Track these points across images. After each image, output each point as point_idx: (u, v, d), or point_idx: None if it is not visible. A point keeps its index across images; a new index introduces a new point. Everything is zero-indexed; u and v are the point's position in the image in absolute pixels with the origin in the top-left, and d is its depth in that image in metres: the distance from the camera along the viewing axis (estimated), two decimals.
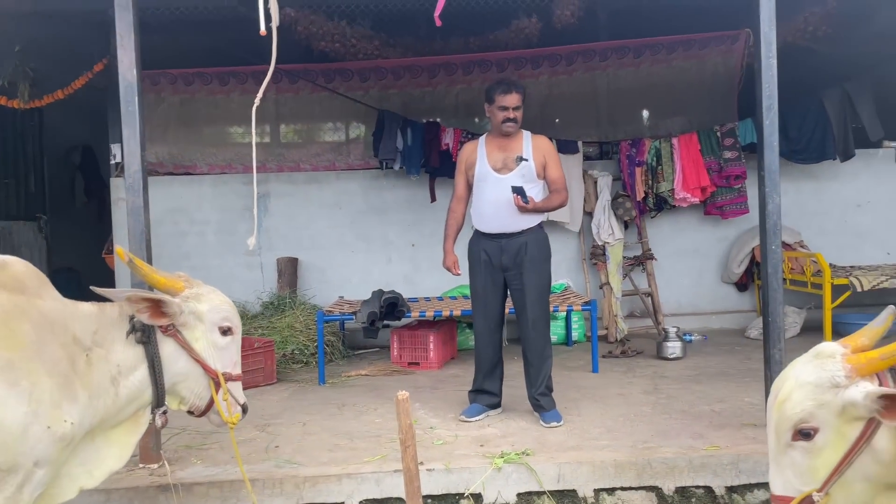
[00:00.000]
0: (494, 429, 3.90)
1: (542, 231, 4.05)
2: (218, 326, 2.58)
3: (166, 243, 6.63)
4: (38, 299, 2.28)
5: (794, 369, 2.02)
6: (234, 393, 2.69)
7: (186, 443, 3.85)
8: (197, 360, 2.54)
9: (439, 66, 6.84)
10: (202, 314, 2.56)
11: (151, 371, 2.47)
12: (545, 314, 4.04)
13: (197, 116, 6.78)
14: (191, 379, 2.58)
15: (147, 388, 2.49)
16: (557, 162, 4.07)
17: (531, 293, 3.96)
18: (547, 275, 4.05)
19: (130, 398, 2.46)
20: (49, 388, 2.19)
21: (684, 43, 6.81)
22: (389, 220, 6.78)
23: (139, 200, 3.47)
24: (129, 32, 3.45)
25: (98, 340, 2.38)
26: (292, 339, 5.83)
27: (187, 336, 2.53)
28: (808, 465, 1.90)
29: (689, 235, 6.72)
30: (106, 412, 2.40)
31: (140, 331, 2.44)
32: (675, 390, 4.56)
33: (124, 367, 2.43)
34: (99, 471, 2.47)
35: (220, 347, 2.60)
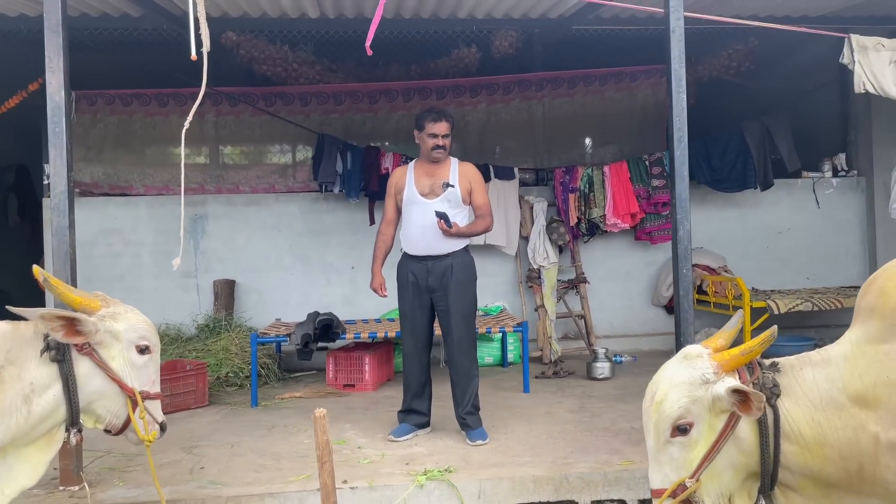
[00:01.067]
0: (421, 447, 3.97)
1: (467, 254, 4.17)
2: (135, 345, 2.62)
3: (100, 265, 6.54)
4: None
5: (665, 371, 2.20)
6: (152, 411, 2.71)
7: (110, 465, 3.81)
8: (113, 378, 2.57)
9: (380, 93, 6.98)
10: (119, 333, 2.58)
11: (66, 389, 2.48)
12: (471, 335, 4.15)
13: (134, 137, 6.75)
14: (107, 397, 2.60)
15: (61, 406, 2.50)
16: (483, 189, 4.21)
17: (456, 314, 4.07)
18: (472, 296, 4.16)
19: (43, 416, 2.46)
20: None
21: (616, 75, 7.11)
22: (329, 243, 6.83)
23: (64, 221, 3.46)
24: (57, 55, 3.47)
25: (11, 359, 2.39)
26: (227, 362, 5.79)
27: (103, 355, 2.55)
28: (685, 458, 2.07)
29: (620, 260, 6.95)
30: (18, 430, 2.40)
31: (54, 349, 2.45)
32: (599, 409, 4.71)
33: (38, 385, 2.44)
34: (10, 489, 2.46)
35: (138, 366, 2.63)
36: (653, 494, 2.13)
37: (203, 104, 6.93)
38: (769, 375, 2.13)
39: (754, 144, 6.63)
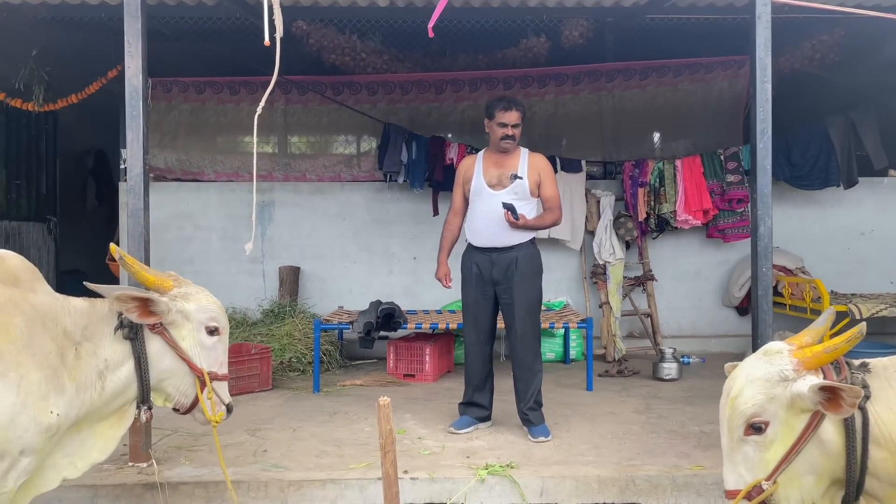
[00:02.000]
0: (482, 441, 3.92)
1: (533, 246, 4.08)
2: (205, 326, 2.63)
3: (171, 248, 6.72)
4: (31, 293, 2.34)
5: (743, 368, 2.09)
6: (220, 392, 2.72)
7: (177, 444, 3.89)
8: (183, 358, 2.59)
9: (446, 82, 6.93)
10: (189, 313, 2.61)
11: (137, 367, 2.52)
12: (535, 329, 4.06)
13: (206, 124, 6.89)
14: (176, 377, 2.63)
15: (133, 384, 2.54)
16: (553, 181, 4.11)
17: (520, 308, 3.99)
18: (537, 290, 4.07)
19: (116, 393, 2.51)
20: (37, 379, 2.25)
21: (690, 66, 6.86)
22: (392, 233, 6.83)
23: (139, 203, 3.53)
24: (136, 39, 3.54)
25: (87, 335, 2.44)
26: (290, 347, 5.87)
27: (174, 334, 2.58)
28: (760, 458, 1.97)
29: (690, 258, 6.72)
30: (92, 405, 2.45)
31: (127, 327, 2.49)
32: (666, 410, 4.55)
33: (111, 362, 2.48)
34: (83, 462, 2.52)
35: (207, 347, 2.65)
36: (727, 495, 2.03)
37: (273, 93, 7.00)
38: (858, 376, 2.01)
39: (838, 140, 6.29)
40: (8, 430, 2.19)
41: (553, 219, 4.07)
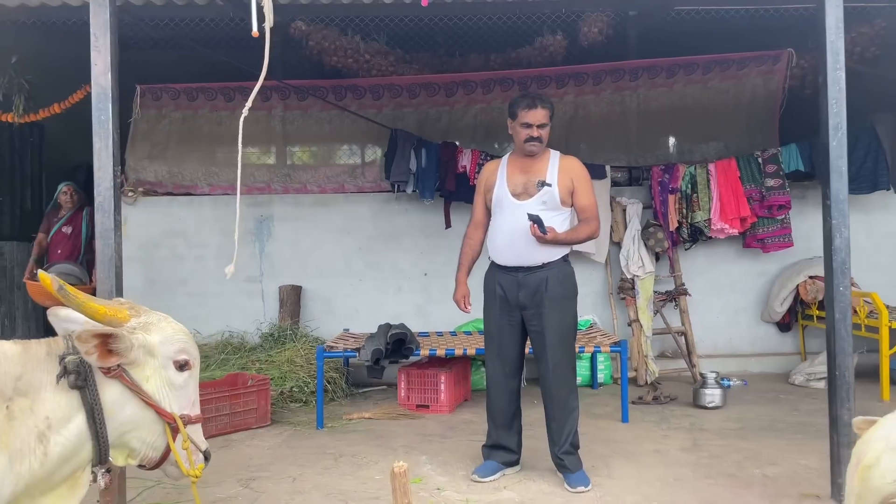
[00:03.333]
0: (512, 492, 3.38)
1: (566, 265, 3.56)
2: (173, 360, 2.13)
3: (162, 268, 6.23)
4: None
5: (882, 429, 1.59)
6: (195, 438, 2.20)
7: (159, 499, 3.36)
8: (149, 403, 2.08)
9: (457, 84, 6.44)
10: (153, 347, 2.10)
11: (91, 421, 2.00)
12: (569, 360, 3.54)
13: (200, 134, 6.41)
14: (142, 427, 2.11)
15: (86, 443, 2.02)
16: (589, 187, 3.58)
17: (552, 336, 3.46)
18: (571, 315, 3.55)
19: (64, 457, 1.99)
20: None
21: (721, 63, 6.36)
22: (401, 247, 6.32)
23: (110, 222, 3.03)
24: (104, 32, 3.06)
25: (21, 388, 1.92)
26: (291, 375, 5.35)
27: (136, 375, 2.07)
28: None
29: (726, 269, 6.18)
30: (32, 477, 1.93)
31: (73, 373, 1.98)
32: (717, 448, 4.01)
33: (55, 420, 1.96)
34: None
35: (177, 386, 2.14)
36: None
37: (270, 98, 6.61)
38: None
39: (888, 140, 5.76)
40: None
41: (589, 231, 3.54)
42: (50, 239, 6.06)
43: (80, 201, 6.18)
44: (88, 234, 6.02)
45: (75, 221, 6.12)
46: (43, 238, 6.12)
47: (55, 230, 6.07)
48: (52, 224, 6.12)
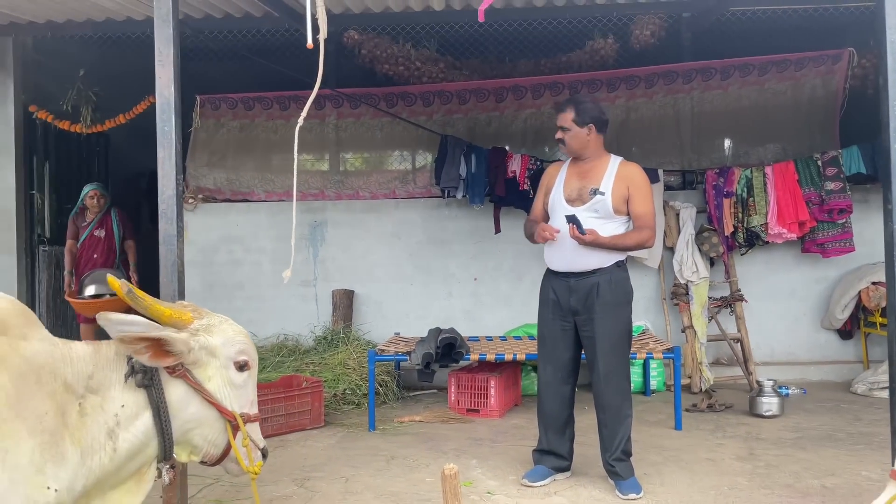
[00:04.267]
0: (562, 497, 3.38)
1: (620, 271, 3.53)
2: (234, 361, 2.21)
3: (220, 272, 6.43)
4: (23, 341, 1.94)
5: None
6: (253, 436, 2.27)
7: (218, 496, 3.48)
8: (211, 402, 2.16)
9: (507, 90, 6.45)
10: (215, 348, 2.18)
11: (157, 419, 2.09)
12: (622, 367, 3.51)
13: (256, 142, 6.59)
14: (204, 424, 2.19)
15: (152, 440, 2.10)
16: (645, 195, 3.51)
17: (603, 342, 3.44)
18: (624, 321, 3.52)
19: (132, 453, 2.08)
20: (29, 450, 1.84)
21: (778, 63, 6.20)
22: (451, 252, 6.36)
23: (172, 229, 3.16)
24: (168, 47, 3.19)
25: (93, 386, 2.02)
26: (344, 378, 5.45)
27: (198, 375, 2.15)
28: None
29: (784, 275, 6.02)
30: (102, 471, 2.02)
31: (140, 373, 2.07)
32: (774, 457, 3.92)
33: (123, 417, 2.05)
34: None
35: (237, 385, 2.22)
36: None
37: (324, 107, 6.75)
38: None
39: None
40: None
41: (639, 239, 3.49)
42: (81, 244, 6.01)
43: (106, 204, 6.11)
44: (121, 236, 6.07)
45: (106, 224, 6.07)
46: (73, 245, 6.05)
47: (86, 235, 6.01)
48: (80, 229, 6.06)
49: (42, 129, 6.57)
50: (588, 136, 3.54)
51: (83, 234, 6.01)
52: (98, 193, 6.07)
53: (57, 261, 6.78)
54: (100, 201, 6.05)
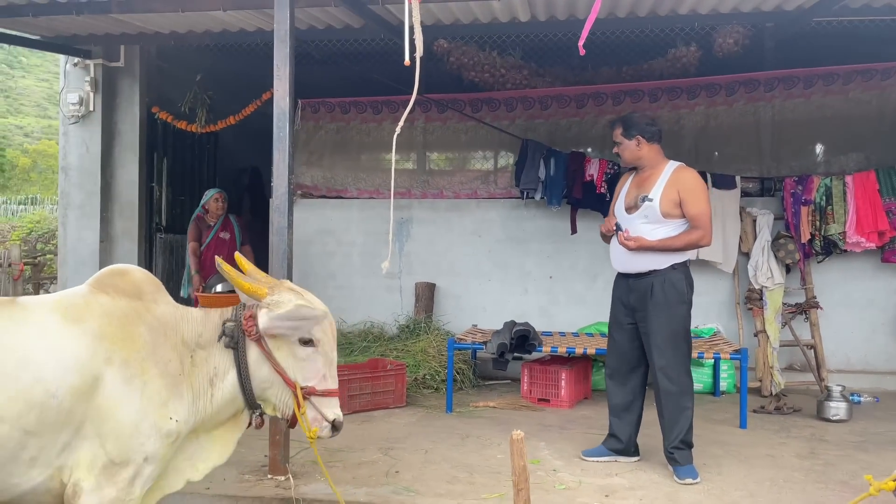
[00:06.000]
0: (622, 479, 3.66)
1: (675, 272, 3.74)
2: (298, 337, 2.49)
3: (314, 263, 6.97)
4: (154, 304, 2.43)
5: None
6: (322, 408, 2.54)
7: (314, 458, 3.93)
8: (276, 369, 2.49)
9: (588, 96, 6.71)
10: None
11: (239, 377, 2.48)
12: (678, 362, 3.72)
13: (350, 143, 7.11)
14: (275, 387, 2.53)
15: (238, 393, 2.50)
16: (698, 197, 3.73)
17: (657, 338, 3.71)
18: (678, 320, 3.74)
19: (225, 401, 2.49)
20: (159, 386, 2.33)
21: (863, 73, 6.20)
22: (528, 251, 6.68)
23: (284, 221, 3.64)
24: (284, 63, 3.66)
25: (202, 343, 2.48)
26: (424, 364, 5.87)
27: (271, 344, 2.48)
28: None
29: (861, 284, 6.02)
30: (205, 413, 2.47)
31: (228, 336, 2.47)
32: (834, 457, 4.05)
33: (219, 371, 2.48)
34: (203, 465, 2.55)
35: (301, 359, 2.50)
36: None
37: (413, 111, 7.13)
38: None
39: None
40: (132, 437, 2.26)
41: (689, 239, 3.71)
42: (206, 246, 6.19)
43: (227, 208, 6.37)
44: (241, 241, 6.27)
45: (228, 227, 6.31)
46: (196, 247, 6.22)
47: (211, 237, 6.22)
48: (203, 231, 6.26)
49: (161, 128, 7.29)
50: (638, 146, 3.83)
51: (208, 237, 6.22)
52: (222, 196, 6.31)
53: (171, 247, 7.51)
54: (223, 204, 6.29)
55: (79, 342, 2.23)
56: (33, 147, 28.45)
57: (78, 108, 6.78)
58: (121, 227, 6.97)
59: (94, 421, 2.23)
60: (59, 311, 2.28)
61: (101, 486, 2.25)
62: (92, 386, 2.22)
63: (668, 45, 6.57)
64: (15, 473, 2.14)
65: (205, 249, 6.16)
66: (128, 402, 2.26)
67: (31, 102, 35.06)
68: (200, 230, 6.27)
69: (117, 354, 2.28)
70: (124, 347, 2.30)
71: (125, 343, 2.30)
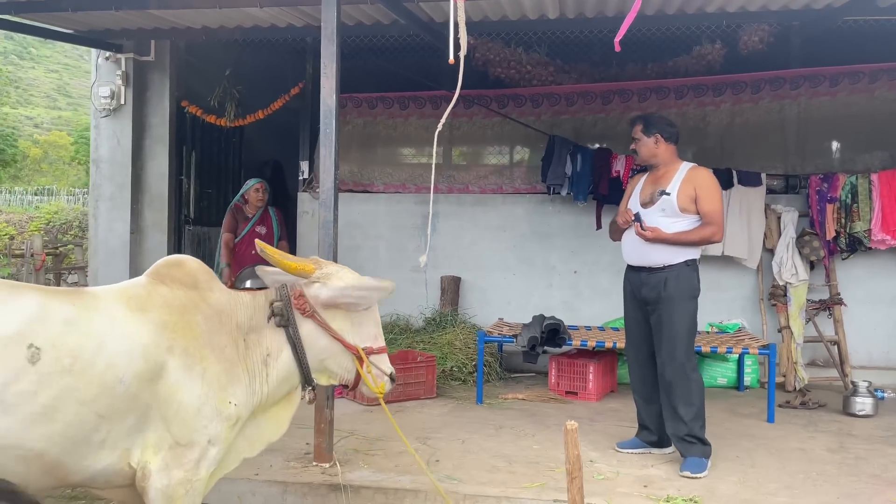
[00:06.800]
0: (658, 470, 3.75)
1: (687, 269, 3.82)
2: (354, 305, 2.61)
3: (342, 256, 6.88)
4: (209, 292, 2.53)
5: None
6: (380, 365, 2.70)
7: (354, 446, 4.04)
8: (336, 338, 2.60)
9: (614, 93, 6.76)
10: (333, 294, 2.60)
11: (294, 353, 2.58)
12: (682, 357, 3.76)
13: (377, 138, 7.18)
14: (335, 355, 2.64)
15: (294, 370, 2.61)
16: (712, 195, 3.82)
17: (666, 332, 3.78)
18: (688, 315, 3.81)
19: (280, 379, 2.60)
20: (218, 372, 2.43)
21: (889, 72, 6.23)
22: (552, 246, 6.76)
23: (330, 215, 3.73)
24: (331, 61, 3.74)
25: (253, 326, 2.58)
26: (451, 357, 5.96)
27: (326, 315, 2.58)
28: None
29: (885, 281, 6.08)
30: (262, 393, 2.57)
31: (279, 315, 2.56)
32: (864, 451, 4.13)
33: (272, 350, 2.58)
34: (259, 442, 2.68)
35: (357, 323, 2.64)
36: None
37: (439, 107, 7.28)
38: None
39: None
40: (195, 420, 2.37)
41: (702, 234, 3.79)
42: (241, 239, 5.87)
43: (268, 198, 6.03)
44: (279, 236, 5.99)
45: (266, 221, 5.96)
46: (231, 238, 5.89)
47: (247, 230, 5.88)
48: (241, 224, 5.92)
49: (190, 122, 7.38)
50: (655, 144, 3.92)
51: (244, 230, 5.87)
52: (263, 187, 5.95)
53: (199, 239, 7.62)
54: (264, 195, 5.95)
55: (144, 330, 2.34)
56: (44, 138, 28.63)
57: (109, 101, 6.87)
58: (151, 218, 7.07)
59: (158, 406, 2.34)
60: (123, 301, 2.39)
61: (168, 467, 2.35)
62: (156, 373, 2.32)
63: (692, 42, 6.61)
64: (87, 455, 2.25)
65: (238, 242, 5.86)
66: (189, 388, 2.36)
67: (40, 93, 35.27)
68: (237, 221, 5.94)
69: (178, 343, 2.38)
70: (184, 336, 2.40)
71: (185, 332, 2.40)
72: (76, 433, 2.18)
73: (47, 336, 2.13)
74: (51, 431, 2.13)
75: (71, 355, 2.15)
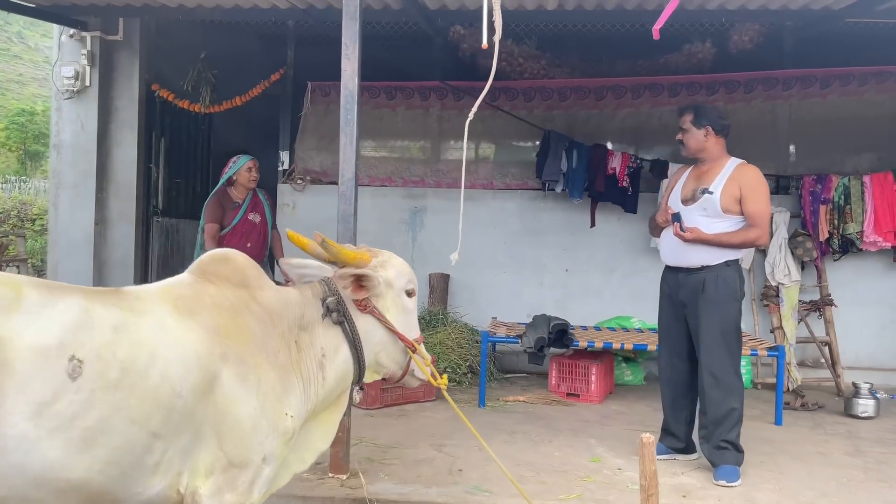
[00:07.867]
0: (690, 478, 3.63)
1: (728, 269, 3.69)
2: (405, 290, 2.49)
3: None
4: (259, 290, 2.25)
5: None
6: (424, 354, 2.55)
7: (368, 455, 3.79)
8: (391, 329, 2.42)
9: (607, 88, 6.65)
10: (391, 280, 2.45)
11: (353, 350, 2.37)
12: (726, 361, 3.66)
13: (362, 128, 6.79)
14: (389, 347, 2.46)
15: (350, 369, 2.39)
16: (758, 196, 3.69)
17: (706, 336, 3.64)
18: (729, 318, 3.69)
19: (337, 380, 2.37)
20: (272, 381, 2.15)
21: (878, 75, 6.31)
22: (544, 243, 6.60)
23: (350, 208, 3.49)
24: (354, 42, 3.48)
25: (304, 325, 2.32)
26: (444, 357, 5.73)
27: (380, 306, 2.41)
28: None
29: (874, 282, 6.15)
30: (317, 399, 2.32)
31: (335, 311, 2.34)
32: (882, 454, 4.11)
33: (327, 350, 2.34)
34: (309, 454, 2.44)
35: (409, 311, 2.50)
36: None
37: (428, 98, 7.04)
38: None
39: None
40: (251, 437, 2.09)
41: (745, 236, 3.66)
42: (232, 229, 5.05)
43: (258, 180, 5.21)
44: (272, 224, 5.30)
45: (259, 207, 5.21)
46: (216, 229, 5.04)
47: (238, 219, 5.08)
48: (229, 212, 5.09)
49: (160, 107, 6.93)
50: (705, 137, 3.77)
51: (234, 218, 5.05)
52: (256, 165, 5.14)
53: (167, 232, 7.17)
54: (257, 174, 5.15)
55: (195, 337, 2.03)
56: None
57: (73, 82, 6.37)
58: (117, 208, 6.60)
59: (211, 422, 2.04)
60: (169, 303, 2.08)
61: (221, 491, 2.06)
62: (210, 384, 2.03)
63: (683, 40, 6.57)
64: (139, 481, 1.93)
65: (229, 234, 5.00)
66: (245, 401, 2.07)
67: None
68: (223, 209, 5.06)
69: (232, 350, 2.08)
70: (237, 342, 2.11)
71: (238, 337, 2.11)
72: (125, 457, 1.86)
73: (93, 346, 1.81)
74: (96, 457, 1.81)
75: (120, 367, 1.84)
